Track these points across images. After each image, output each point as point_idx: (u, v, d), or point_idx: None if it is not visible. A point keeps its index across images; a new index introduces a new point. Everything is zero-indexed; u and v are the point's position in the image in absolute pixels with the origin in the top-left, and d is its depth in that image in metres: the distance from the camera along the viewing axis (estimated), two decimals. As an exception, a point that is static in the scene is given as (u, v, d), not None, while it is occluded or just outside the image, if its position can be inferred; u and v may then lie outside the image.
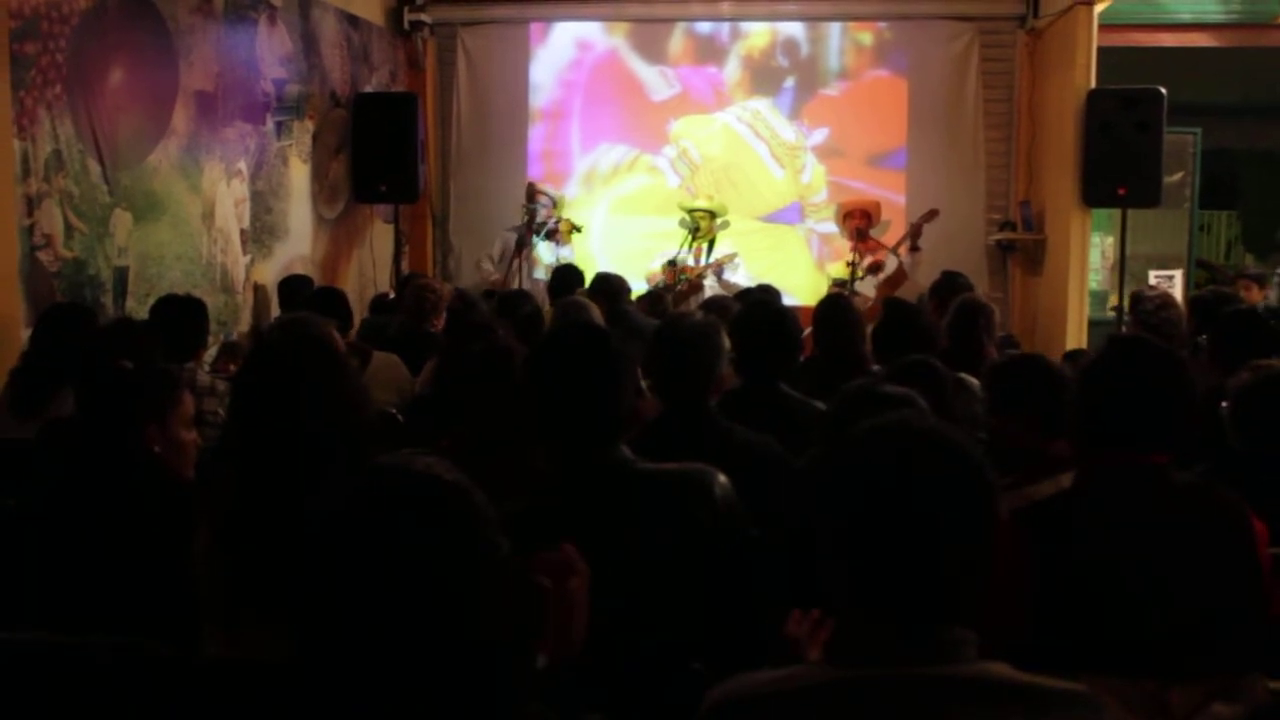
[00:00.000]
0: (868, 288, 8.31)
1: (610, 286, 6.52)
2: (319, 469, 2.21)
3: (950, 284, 6.33)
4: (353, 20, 9.01)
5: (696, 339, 3.24)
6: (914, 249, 8.43)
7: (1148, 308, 5.86)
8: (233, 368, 6.02)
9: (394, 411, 4.67)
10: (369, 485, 1.33)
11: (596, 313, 5.68)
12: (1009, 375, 3.31)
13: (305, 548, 1.30)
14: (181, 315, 4.83)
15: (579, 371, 2.36)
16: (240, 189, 7.30)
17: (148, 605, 2.44)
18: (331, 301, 5.59)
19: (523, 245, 8.57)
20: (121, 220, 5.92)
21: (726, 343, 3.38)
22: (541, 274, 8.61)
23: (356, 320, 7.59)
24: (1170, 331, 5.55)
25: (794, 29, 9.97)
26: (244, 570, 2.21)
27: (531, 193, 8.90)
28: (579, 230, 8.89)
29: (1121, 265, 8.64)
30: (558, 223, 8.79)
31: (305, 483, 2.16)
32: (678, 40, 10.06)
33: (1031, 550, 2.34)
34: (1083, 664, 2.09)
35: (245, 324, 7.31)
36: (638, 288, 7.88)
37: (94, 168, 5.68)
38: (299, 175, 8.19)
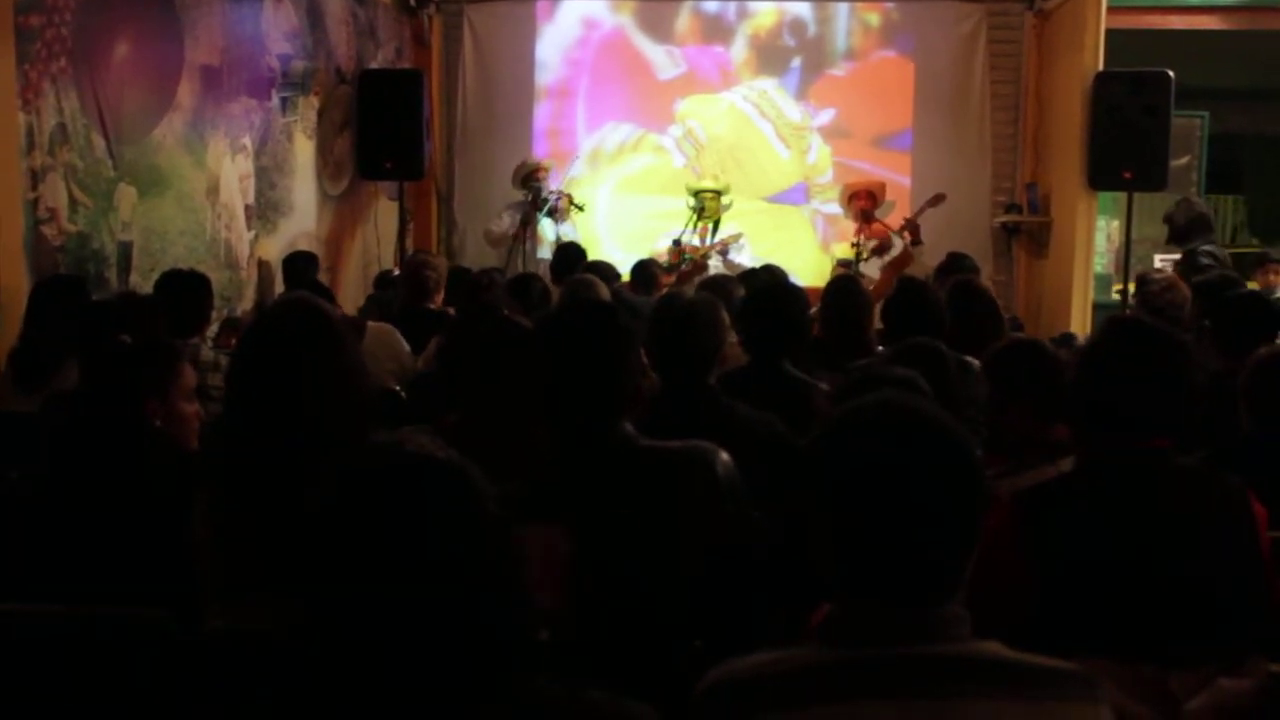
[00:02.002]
0: (872, 269, 8.29)
1: (600, 272, 6.53)
2: (319, 443, 2.21)
3: (955, 265, 6.32)
4: (359, -4, 9.00)
5: (696, 317, 3.24)
6: (916, 242, 8.39)
7: (1153, 289, 5.85)
8: (234, 342, 6.03)
9: (396, 389, 4.69)
10: (363, 464, 1.34)
11: (604, 291, 5.70)
12: (1002, 362, 3.30)
13: (304, 526, 1.30)
14: (186, 290, 4.84)
15: (584, 348, 2.36)
16: (245, 164, 7.29)
17: (151, 577, 2.45)
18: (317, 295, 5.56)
19: (527, 223, 8.54)
20: (126, 195, 5.92)
21: (726, 320, 3.38)
22: (546, 253, 8.59)
23: (361, 298, 7.62)
24: (1175, 314, 5.53)
25: (801, 9, 9.94)
26: (244, 543, 2.22)
27: (531, 172, 8.85)
28: (581, 209, 8.85)
29: (1126, 249, 8.63)
30: (559, 199, 8.75)
31: (306, 457, 2.17)
32: (684, 19, 10.04)
33: (1032, 534, 2.34)
34: (1082, 648, 2.09)
35: (249, 300, 7.31)
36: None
37: (98, 142, 5.66)
38: (304, 151, 8.18)
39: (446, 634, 1.28)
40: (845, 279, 5.27)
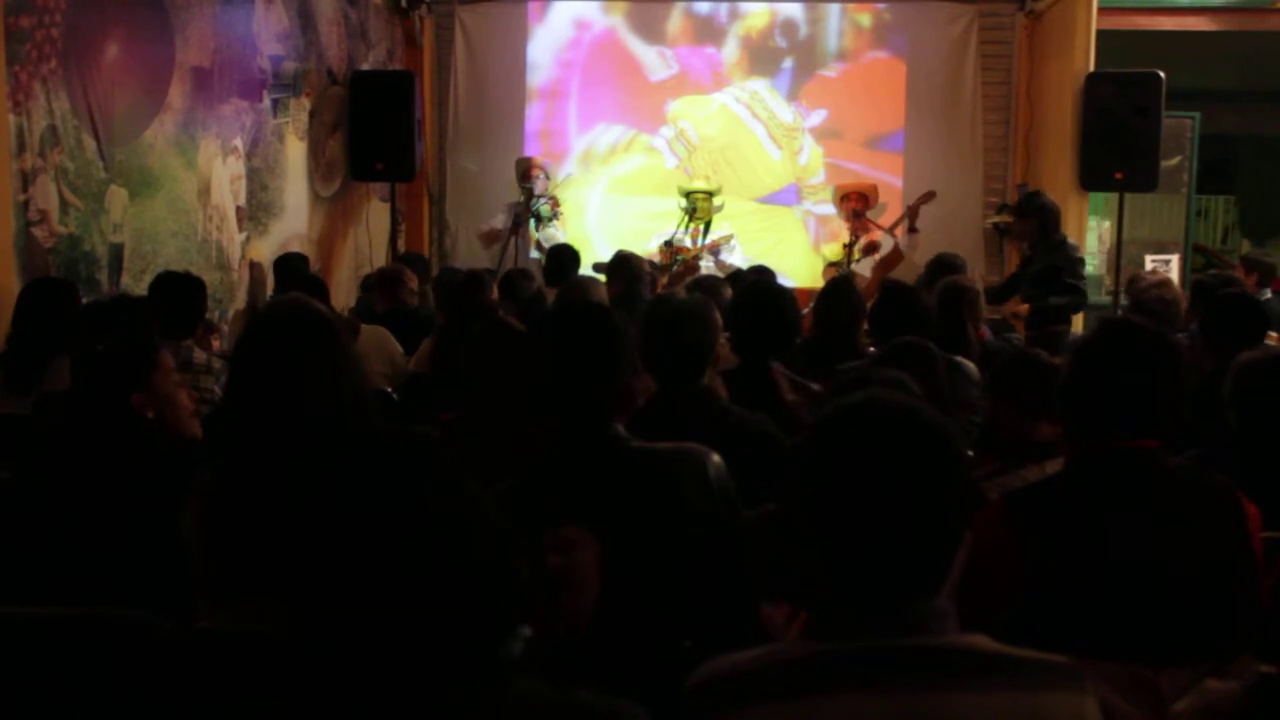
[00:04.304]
0: (864, 269, 8.31)
1: (630, 269, 6.47)
2: (316, 443, 2.21)
3: (943, 266, 6.33)
4: (350, -3, 8.99)
5: (690, 318, 3.24)
6: (912, 230, 8.42)
7: (1142, 287, 5.87)
8: (216, 343, 6.02)
9: (389, 390, 4.69)
10: (341, 463, 1.34)
11: (603, 292, 5.70)
12: (995, 363, 3.32)
13: (286, 524, 1.31)
14: (179, 292, 4.84)
15: (576, 348, 2.37)
16: (236, 166, 7.28)
17: (144, 576, 2.45)
18: (313, 291, 5.61)
19: (520, 224, 8.55)
20: (117, 196, 5.91)
21: (719, 321, 3.38)
22: (536, 253, 8.60)
23: (353, 299, 7.62)
24: (1167, 313, 5.56)
25: (793, 10, 9.94)
26: (238, 543, 2.22)
27: (526, 169, 8.86)
28: (559, 216, 8.84)
29: (1118, 249, 8.64)
30: (547, 202, 8.75)
31: (302, 456, 2.17)
32: (676, 20, 10.04)
33: (1022, 534, 2.35)
34: (1072, 647, 2.10)
35: (241, 302, 7.30)
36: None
37: (89, 143, 5.66)
38: (295, 153, 8.17)
39: (433, 634, 1.28)
40: (842, 281, 5.29)
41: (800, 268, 9.44)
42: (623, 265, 6.45)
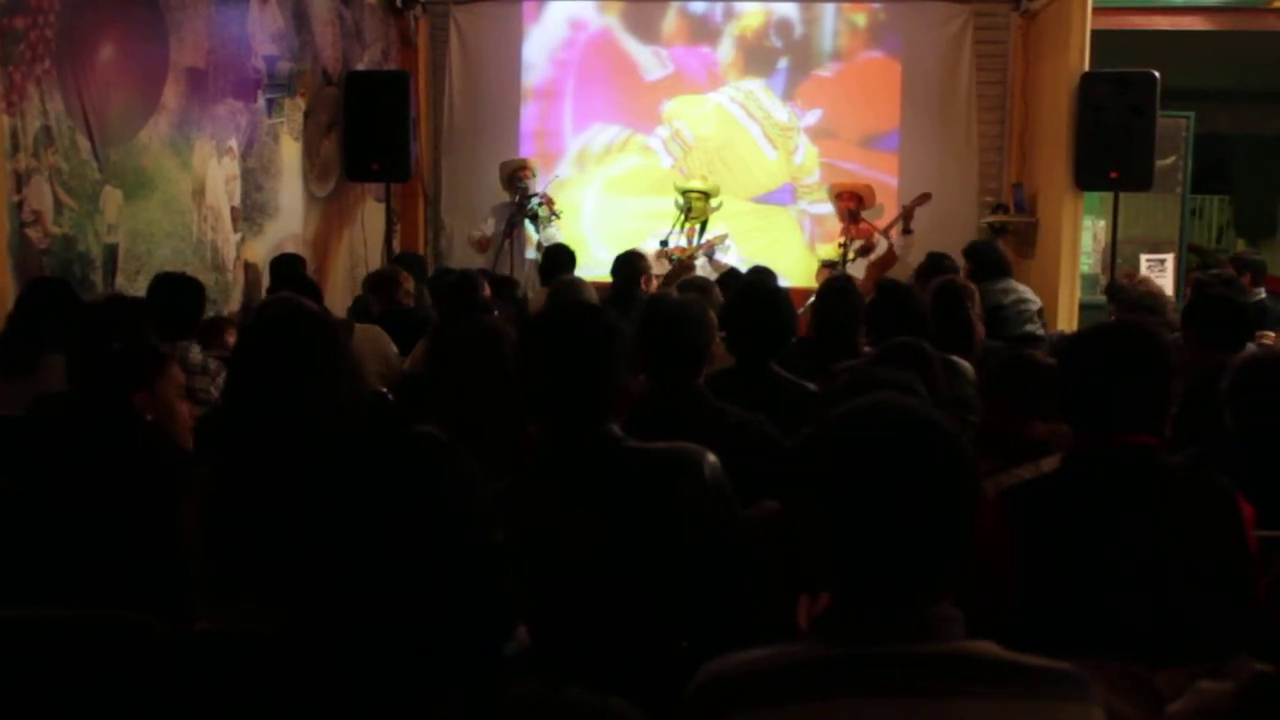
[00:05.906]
0: (858, 269, 8.31)
1: (632, 268, 6.48)
2: (317, 443, 2.21)
3: (935, 266, 6.34)
4: (345, -3, 8.98)
5: (687, 318, 3.25)
6: (906, 231, 8.44)
7: (1125, 286, 5.90)
8: (231, 337, 6.02)
9: (384, 390, 4.69)
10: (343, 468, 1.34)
11: (591, 292, 5.71)
12: (988, 363, 3.33)
13: (287, 523, 1.31)
14: (179, 293, 4.84)
15: (570, 348, 2.36)
16: (231, 166, 7.27)
17: (141, 576, 2.44)
18: (306, 293, 5.61)
19: (513, 225, 8.54)
20: (111, 197, 5.90)
21: (714, 320, 3.39)
22: (533, 254, 8.59)
23: (348, 299, 7.62)
24: (1156, 306, 5.59)
25: (788, 9, 9.95)
26: (236, 543, 2.22)
27: (516, 170, 8.82)
28: (558, 216, 8.83)
29: (1113, 249, 8.66)
30: (543, 203, 8.72)
31: (302, 457, 2.17)
32: (671, 20, 10.04)
33: (1020, 532, 2.35)
34: (1070, 646, 2.10)
35: (236, 302, 7.29)
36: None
37: (83, 144, 5.65)
38: (290, 153, 8.16)
39: (431, 634, 1.28)
40: (840, 280, 5.28)
41: (795, 267, 9.43)
42: (625, 264, 6.48)
